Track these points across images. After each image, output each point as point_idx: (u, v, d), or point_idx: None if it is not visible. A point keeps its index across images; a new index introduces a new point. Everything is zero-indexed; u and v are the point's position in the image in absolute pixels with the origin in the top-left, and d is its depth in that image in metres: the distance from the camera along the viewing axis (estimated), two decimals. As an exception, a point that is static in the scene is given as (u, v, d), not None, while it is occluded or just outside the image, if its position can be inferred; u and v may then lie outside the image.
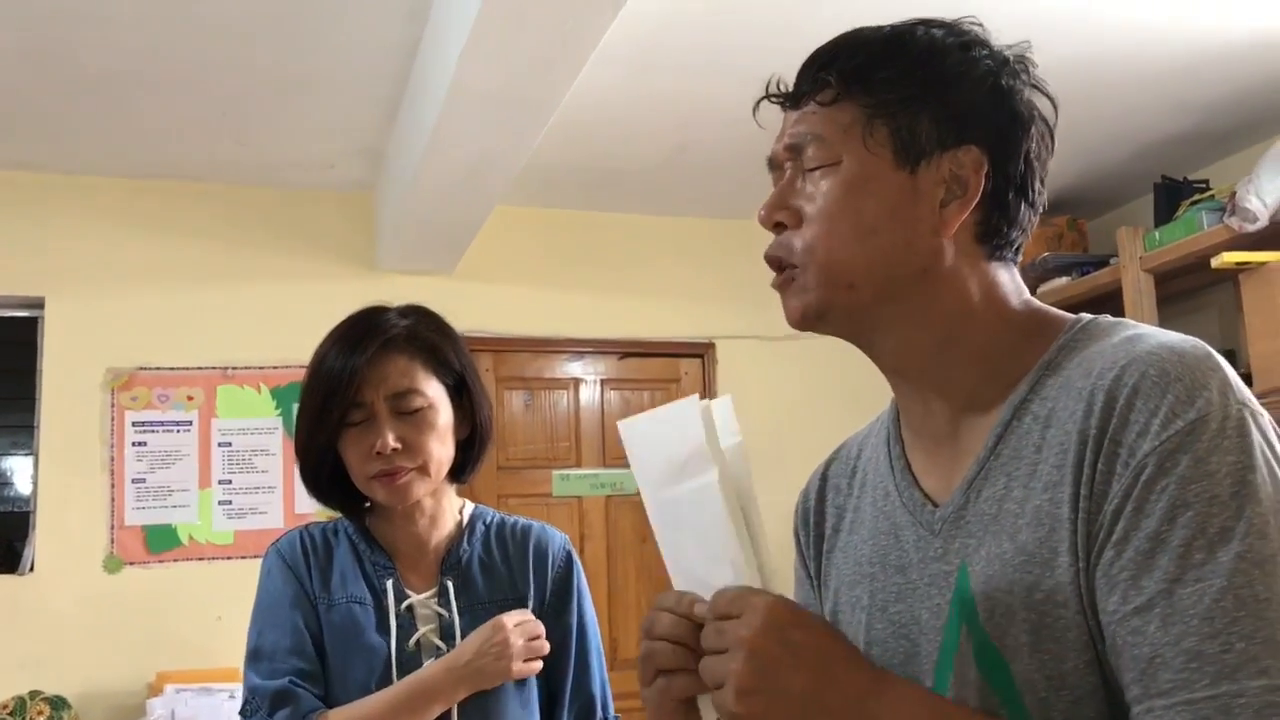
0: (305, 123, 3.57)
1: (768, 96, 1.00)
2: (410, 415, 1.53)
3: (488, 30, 2.38)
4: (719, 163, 3.93)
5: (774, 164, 1.00)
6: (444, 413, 1.57)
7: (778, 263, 0.97)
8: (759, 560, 0.90)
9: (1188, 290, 3.91)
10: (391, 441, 1.51)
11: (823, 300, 0.94)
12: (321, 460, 1.57)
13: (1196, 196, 3.71)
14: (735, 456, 0.93)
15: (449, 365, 1.59)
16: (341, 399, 1.51)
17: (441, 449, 1.57)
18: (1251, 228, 3.26)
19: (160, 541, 3.82)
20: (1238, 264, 3.33)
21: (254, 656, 1.54)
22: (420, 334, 1.58)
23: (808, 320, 0.96)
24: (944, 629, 0.92)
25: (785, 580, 0.98)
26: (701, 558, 0.91)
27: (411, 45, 3.06)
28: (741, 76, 3.29)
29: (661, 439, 0.93)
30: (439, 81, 2.78)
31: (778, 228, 0.98)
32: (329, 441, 1.54)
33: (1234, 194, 3.36)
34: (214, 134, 3.64)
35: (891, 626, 0.97)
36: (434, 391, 1.56)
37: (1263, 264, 3.30)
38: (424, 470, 1.55)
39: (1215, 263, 3.35)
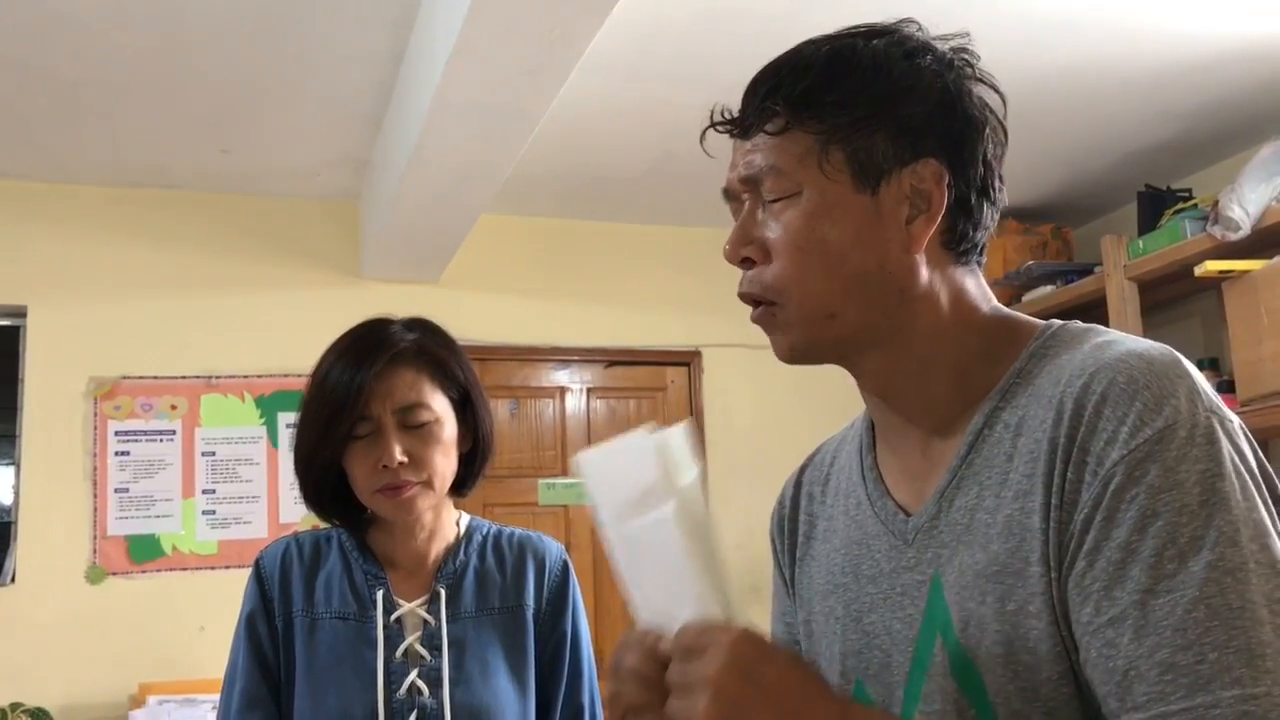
0: (290, 131, 3.56)
1: (714, 126, 0.98)
2: (417, 429, 1.53)
3: (473, 39, 2.38)
4: (705, 171, 3.89)
5: (730, 195, 0.99)
6: (449, 426, 1.57)
7: (753, 299, 0.96)
8: (723, 592, 0.88)
9: (1172, 299, 3.93)
10: (398, 455, 1.51)
11: (808, 335, 0.94)
12: (325, 474, 1.56)
13: (1180, 205, 3.73)
14: (692, 487, 0.90)
15: (454, 379, 1.59)
16: (349, 412, 1.51)
17: (446, 463, 1.57)
18: (1234, 236, 3.28)
19: (143, 552, 3.80)
20: (1221, 272, 3.35)
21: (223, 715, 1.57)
22: (427, 348, 1.58)
23: (797, 356, 0.97)
24: (915, 639, 0.91)
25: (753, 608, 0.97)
26: (664, 592, 0.89)
27: (397, 54, 3.05)
28: (727, 84, 3.27)
29: (617, 472, 0.90)
30: (424, 90, 2.77)
31: (745, 263, 0.96)
32: (334, 455, 1.54)
33: (1217, 203, 3.38)
34: (198, 142, 3.62)
35: (865, 637, 0.97)
36: (440, 405, 1.56)
37: (1245, 272, 3.32)
38: (429, 484, 1.55)
39: (1198, 271, 3.37)
